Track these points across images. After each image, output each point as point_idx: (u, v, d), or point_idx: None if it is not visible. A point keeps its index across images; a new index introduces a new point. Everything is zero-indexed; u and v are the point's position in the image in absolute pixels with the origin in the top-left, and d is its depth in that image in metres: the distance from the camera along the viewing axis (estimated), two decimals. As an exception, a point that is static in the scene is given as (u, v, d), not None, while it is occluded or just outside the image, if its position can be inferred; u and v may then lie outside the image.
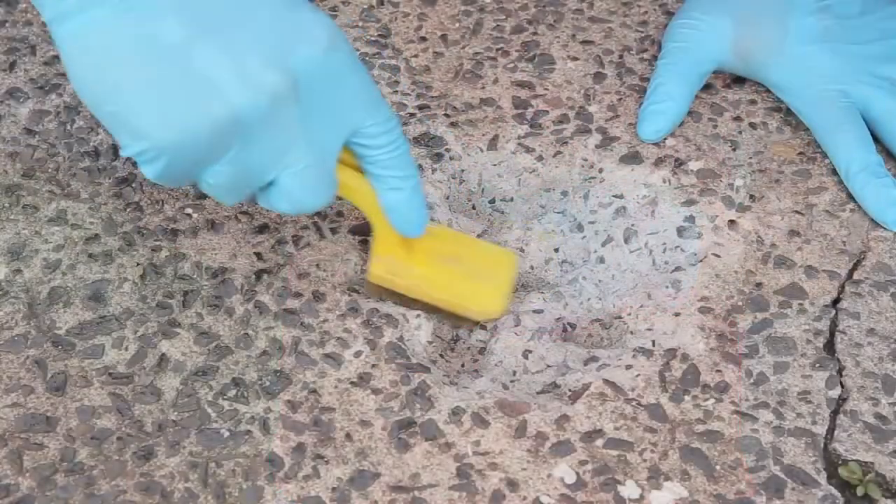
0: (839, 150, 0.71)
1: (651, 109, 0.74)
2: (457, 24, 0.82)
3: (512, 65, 0.79)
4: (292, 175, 0.56)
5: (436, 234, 0.65)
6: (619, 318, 0.66)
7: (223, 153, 0.54)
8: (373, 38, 0.81)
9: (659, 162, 0.72)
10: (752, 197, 0.71)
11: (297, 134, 0.55)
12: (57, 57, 0.78)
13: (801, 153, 0.74)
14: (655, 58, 0.79)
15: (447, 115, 0.75)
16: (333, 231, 0.68)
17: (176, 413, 0.59)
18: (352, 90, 0.56)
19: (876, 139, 0.72)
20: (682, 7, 0.80)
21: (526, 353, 0.64)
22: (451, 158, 0.73)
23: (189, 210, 0.69)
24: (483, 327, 0.66)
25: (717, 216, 0.70)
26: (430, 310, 0.65)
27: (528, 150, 0.73)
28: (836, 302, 0.66)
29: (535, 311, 0.66)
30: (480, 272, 0.65)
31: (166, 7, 0.51)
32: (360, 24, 0.82)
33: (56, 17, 0.52)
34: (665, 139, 0.74)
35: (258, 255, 0.67)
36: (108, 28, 0.51)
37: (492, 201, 0.73)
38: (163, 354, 0.62)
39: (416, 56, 0.80)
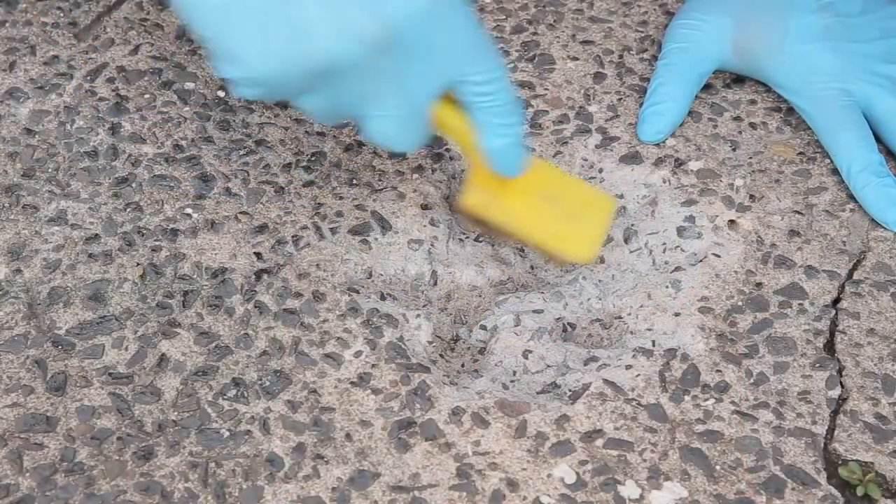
0: (840, 150, 0.71)
1: (651, 111, 0.74)
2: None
3: (512, 65, 0.79)
4: (381, 118, 0.57)
5: (535, 170, 0.63)
6: (619, 318, 0.66)
7: (317, 89, 0.55)
8: (373, 38, 0.81)
9: (659, 162, 0.72)
10: (752, 197, 0.71)
11: (388, 81, 0.55)
12: (57, 56, 0.78)
13: (801, 153, 0.74)
14: (655, 58, 0.79)
15: (447, 115, 0.75)
16: (333, 231, 0.68)
17: (176, 413, 0.59)
18: (452, 40, 0.56)
19: (877, 138, 0.72)
20: (682, 7, 0.80)
21: (526, 353, 0.64)
22: (451, 158, 0.73)
23: (189, 210, 0.69)
24: (483, 327, 0.66)
25: (717, 216, 0.70)
26: (523, 244, 0.65)
27: (528, 150, 0.73)
28: (836, 302, 0.66)
29: (535, 311, 0.66)
30: (575, 214, 0.63)
31: None
32: (360, 24, 0.82)
33: None
34: (665, 139, 0.74)
35: (258, 255, 0.67)
36: None
37: (492, 201, 0.73)
38: (163, 354, 0.62)
39: (416, 56, 0.80)
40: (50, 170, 0.71)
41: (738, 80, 0.78)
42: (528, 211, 0.63)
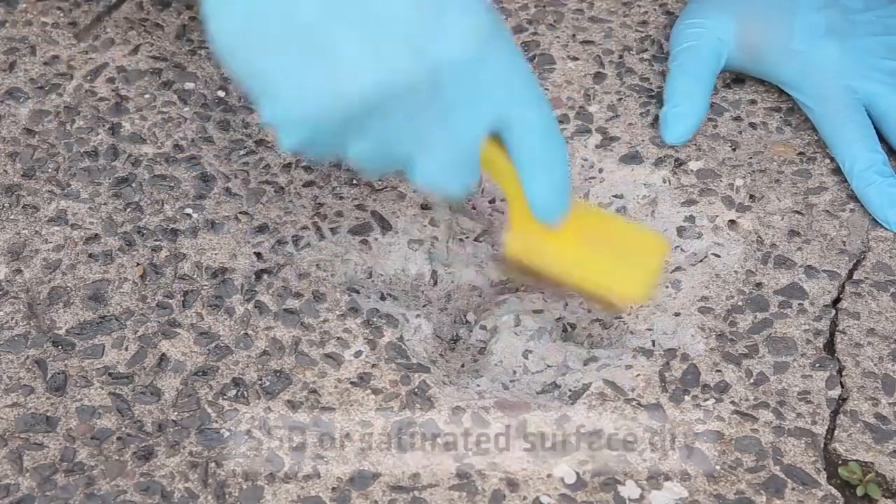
0: (844, 148, 0.71)
1: (673, 112, 0.73)
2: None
3: (512, 65, 0.79)
4: (430, 160, 0.54)
5: (581, 213, 0.60)
6: (619, 318, 0.66)
7: (361, 133, 0.52)
8: (373, 38, 0.81)
9: (659, 162, 0.72)
10: (752, 197, 0.71)
11: (434, 123, 0.53)
12: (57, 57, 0.78)
13: (801, 153, 0.74)
14: (656, 58, 0.79)
15: (447, 115, 0.75)
16: (333, 231, 0.68)
17: (176, 413, 0.59)
18: (498, 83, 0.53)
19: (879, 134, 0.72)
20: (686, 8, 0.79)
21: (526, 353, 0.64)
22: (451, 158, 0.73)
23: (189, 210, 0.69)
24: (483, 327, 0.66)
25: (717, 216, 0.70)
26: (573, 291, 0.63)
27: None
28: (836, 302, 0.66)
29: (535, 311, 0.66)
30: (625, 256, 0.60)
31: None
32: (360, 24, 0.82)
33: None
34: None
35: (258, 255, 0.67)
36: None
37: (492, 201, 0.73)
38: (163, 354, 0.62)
39: (416, 56, 0.80)
40: (50, 170, 0.71)
41: (738, 80, 0.78)
42: (575, 255, 0.60)
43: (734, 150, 0.74)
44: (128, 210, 0.69)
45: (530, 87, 0.55)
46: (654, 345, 0.63)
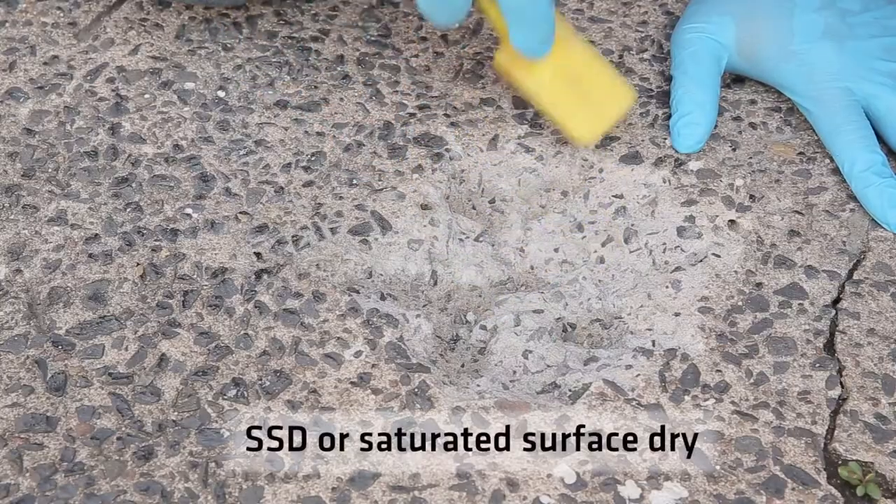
0: (843, 149, 0.71)
1: (684, 121, 0.73)
2: (457, 24, 0.82)
3: (512, 65, 0.79)
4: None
5: (566, 47, 0.71)
6: (619, 318, 0.66)
7: None
8: (373, 38, 0.81)
9: (659, 162, 0.72)
10: (752, 197, 0.71)
11: None
12: (57, 57, 0.78)
13: (801, 153, 0.74)
14: (655, 58, 0.79)
15: (447, 115, 0.75)
16: (333, 231, 0.68)
17: (176, 413, 0.59)
18: None
19: (878, 136, 0.72)
20: (685, 12, 0.79)
21: (526, 353, 0.64)
22: (451, 158, 0.73)
23: (189, 210, 0.69)
24: (483, 327, 0.66)
25: (717, 216, 0.70)
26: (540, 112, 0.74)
27: (528, 150, 0.73)
28: (836, 302, 0.66)
29: (535, 311, 0.66)
30: (591, 100, 0.72)
31: None
32: (360, 24, 0.82)
33: None
34: (665, 139, 0.74)
35: (258, 255, 0.67)
36: None
37: (492, 201, 0.73)
38: (163, 354, 0.62)
39: (416, 56, 0.80)
40: (50, 170, 0.71)
41: (738, 80, 0.78)
42: (549, 84, 0.71)
43: (734, 150, 0.74)
44: (128, 210, 0.69)
45: None
46: (654, 345, 0.63)
